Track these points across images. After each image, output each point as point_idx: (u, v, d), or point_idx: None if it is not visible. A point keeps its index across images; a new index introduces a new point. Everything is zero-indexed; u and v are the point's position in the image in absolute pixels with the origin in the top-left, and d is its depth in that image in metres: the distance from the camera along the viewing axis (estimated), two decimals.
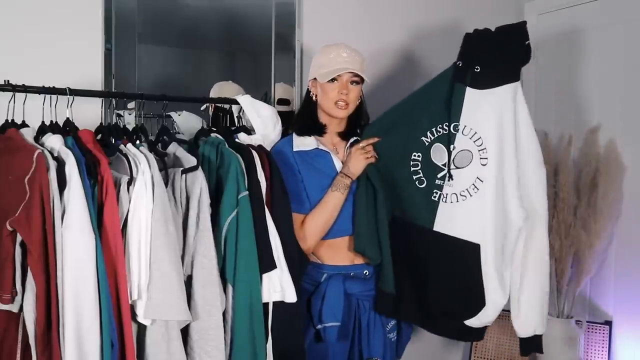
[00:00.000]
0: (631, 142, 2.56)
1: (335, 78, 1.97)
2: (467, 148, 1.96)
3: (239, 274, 1.72)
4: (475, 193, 1.96)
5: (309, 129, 2.05)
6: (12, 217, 1.45)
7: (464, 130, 1.97)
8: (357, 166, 1.99)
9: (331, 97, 1.98)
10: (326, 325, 1.95)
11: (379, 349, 2.01)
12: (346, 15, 2.58)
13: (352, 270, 2.03)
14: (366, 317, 2.02)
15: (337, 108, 1.98)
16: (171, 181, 1.70)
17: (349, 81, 1.98)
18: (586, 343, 2.66)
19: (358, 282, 2.02)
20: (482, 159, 1.96)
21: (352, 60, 1.98)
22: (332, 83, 1.98)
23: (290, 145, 2.04)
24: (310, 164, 2.02)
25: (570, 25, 2.81)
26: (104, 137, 1.76)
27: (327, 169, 2.02)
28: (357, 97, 2.02)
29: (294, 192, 1.96)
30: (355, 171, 1.99)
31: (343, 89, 1.97)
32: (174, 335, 1.61)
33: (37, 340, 1.48)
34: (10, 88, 1.67)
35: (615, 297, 2.64)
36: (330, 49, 2.02)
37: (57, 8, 2.00)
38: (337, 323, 1.95)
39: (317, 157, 2.03)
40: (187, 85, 2.35)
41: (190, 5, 2.33)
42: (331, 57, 1.99)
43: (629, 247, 2.58)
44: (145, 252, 1.56)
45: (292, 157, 2.01)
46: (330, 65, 1.97)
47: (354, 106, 2.02)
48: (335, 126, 2.06)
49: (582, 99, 2.78)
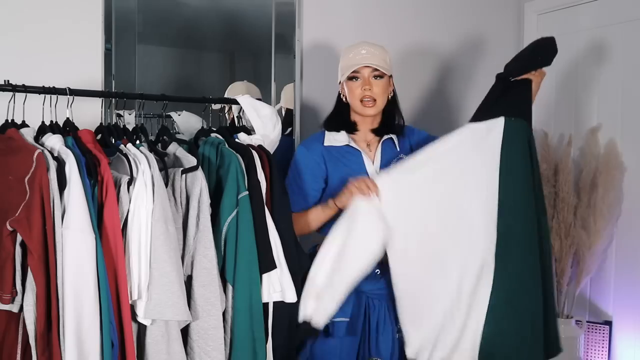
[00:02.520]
0: (631, 142, 2.57)
1: (357, 76, 1.98)
2: None
3: (239, 274, 1.72)
4: None
5: (340, 126, 2.05)
6: (12, 217, 1.45)
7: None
8: (342, 196, 1.92)
9: (356, 94, 1.99)
10: (335, 320, 1.94)
11: (387, 347, 2.01)
12: (346, 15, 2.58)
13: None
14: (376, 316, 2.02)
15: (363, 106, 1.99)
16: (171, 181, 1.70)
17: (370, 76, 1.98)
18: (586, 343, 2.66)
19: (369, 280, 2.01)
20: None
21: (371, 56, 1.98)
22: (355, 81, 1.99)
23: (321, 139, 2.05)
24: (339, 159, 2.03)
25: (570, 25, 2.81)
26: (104, 137, 1.75)
27: (356, 167, 2.02)
28: (384, 91, 2.00)
29: (305, 193, 1.99)
30: (340, 200, 1.92)
31: (365, 85, 1.97)
32: (174, 335, 1.61)
33: (37, 340, 1.48)
34: (10, 88, 1.67)
35: (615, 297, 2.64)
36: (350, 48, 2.04)
37: (57, 8, 2.00)
38: (346, 319, 1.96)
39: (348, 154, 2.04)
40: (187, 85, 2.35)
41: (190, 6, 2.33)
42: (350, 56, 2.00)
43: (629, 247, 2.58)
44: (145, 252, 1.56)
45: (319, 152, 2.02)
46: (349, 65, 1.99)
47: (383, 101, 2.01)
48: (368, 124, 2.06)
49: (582, 99, 2.78)
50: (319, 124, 2.14)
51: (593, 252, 2.59)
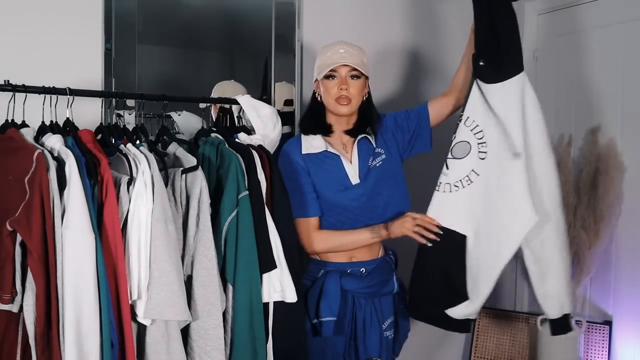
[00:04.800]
0: (631, 142, 2.56)
1: (334, 75, 1.97)
2: (466, 139, 1.96)
3: (239, 274, 1.72)
4: (467, 185, 1.96)
5: (315, 128, 2.05)
6: (12, 217, 1.45)
7: (467, 121, 1.96)
8: (398, 230, 1.98)
9: (332, 94, 1.98)
10: (323, 319, 1.97)
11: (375, 346, 2.02)
12: (346, 15, 2.57)
13: (349, 267, 2.04)
14: (362, 314, 2.03)
15: (339, 105, 1.98)
16: (171, 181, 1.70)
17: (347, 76, 1.97)
18: (586, 343, 2.66)
19: (355, 279, 2.03)
20: (480, 152, 1.95)
21: (349, 56, 1.98)
22: (331, 80, 1.98)
23: (299, 146, 2.04)
24: (319, 165, 2.03)
25: (570, 25, 2.81)
26: (104, 137, 1.75)
27: (337, 170, 2.03)
28: (360, 92, 2.00)
29: (299, 196, 1.98)
30: (395, 233, 1.99)
31: (342, 84, 1.96)
32: (173, 335, 1.61)
33: (37, 340, 1.48)
34: (10, 88, 1.67)
35: (615, 297, 2.64)
36: (328, 47, 2.03)
37: (57, 8, 2.00)
38: (334, 318, 1.97)
39: (327, 159, 2.04)
40: (187, 85, 2.35)
41: (190, 6, 2.33)
42: (328, 54, 2.00)
43: (629, 247, 2.58)
44: (145, 252, 1.56)
45: (300, 160, 2.02)
46: (327, 63, 1.98)
47: (358, 101, 2.01)
48: (343, 124, 2.05)
49: (582, 99, 2.78)
50: None
51: (593, 252, 2.59)
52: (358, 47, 2.03)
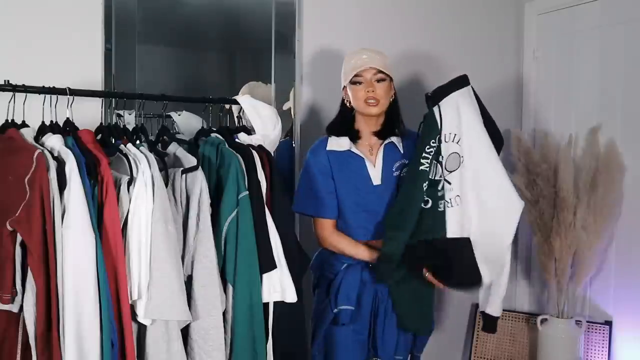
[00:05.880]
0: (631, 142, 2.57)
1: (360, 80, 2.02)
2: (454, 151, 1.99)
3: (239, 274, 1.72)
4: (470, 188, 1.98)
5: (343, 132, 2.10)
6: (12, 217, 1.45)
7: (446, 137, 2.00)
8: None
9: (360, 97, 2.03)
10: (341, 308, 2.04)
11: (392, 338, 2.07)
12: (346, 15, 2.57)
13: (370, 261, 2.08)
14: (384, 306, 2.08)
15: (368, 105, 2.02)
16: (171, 181, 1.70)
17: (373, 79, 2.02)
18: (586, 343, 2.66)
19: None
20: (464, 155, 1.99)
21: (372, 60, 2.03)
22: (358, 85, 2.03)
23: (324, 146, 2.09)
24: (342, 164, 2.07)
25: (570, 25, 2.81)
26: (104, 137, 1.75)
27: (360, 172, 2.07)
28: (387, 93, 2.06)
29: (319, 197, 2.03)
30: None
31: (369, 87, 2.02)
32: (174, 335, 1.61)
33: (37, 340, 1.48)
34: (11, 88, 1.67)
35: (615, 297, 2.64)
36: (351, 55, 2.08)
37: (57, 8, 2.00)
38: (351, 307, 2.04)
39: (350, 159, 2.08)
40: (187, 85, 2.35)
41: (190, 5, 2.33)
42: (352, 62, 2.05)
43: (629, 247, 2.58)
44: (145, 252, 1.56)
45: (325, 159, 2.07)
46: (352, 68, 2.03)
47: (386, 103, 2.06)
48: (372, 126, 2.10)
49: (582, 99, 2.78)
50: (320, 123, 2.15)
51: (593, 252, 2.59)
52: (380, 51, 2.08)
